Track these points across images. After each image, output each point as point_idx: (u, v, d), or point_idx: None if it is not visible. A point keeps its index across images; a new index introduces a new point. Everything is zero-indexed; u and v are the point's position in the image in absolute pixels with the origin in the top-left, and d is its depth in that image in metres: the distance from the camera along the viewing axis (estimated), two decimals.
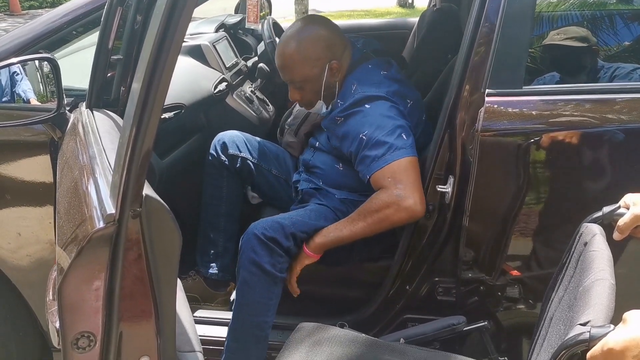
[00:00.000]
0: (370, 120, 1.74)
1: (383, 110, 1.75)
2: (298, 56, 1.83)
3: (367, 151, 1.73)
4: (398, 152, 1.70)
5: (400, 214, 1.67)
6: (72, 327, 0.96)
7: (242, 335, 1.72)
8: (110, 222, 0.93)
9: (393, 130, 1.72)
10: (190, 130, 2.35)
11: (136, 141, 0.88)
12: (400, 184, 1.68)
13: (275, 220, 1.77)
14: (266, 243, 1.70)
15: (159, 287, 1.02)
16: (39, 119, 1.70)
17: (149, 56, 0.86)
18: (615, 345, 0.80)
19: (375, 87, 1.79)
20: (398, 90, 1.82)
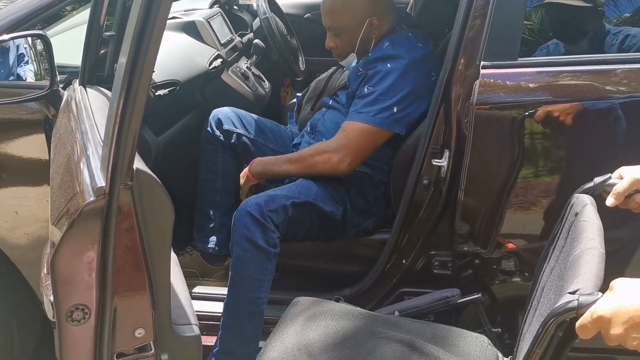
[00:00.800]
0: (380, 78, 1.81)
1: (397, 73, 1.80)
2: (341, 3, 1.92)
3: (359, 101, 1.83)
4: (371, 118, 1.79)
5: (326, 165, 1.83)
6: (65, 300, 0.97)
7: (236, 311, 1.74)
8: (101, 195, 0.93)
9: (388, 98, 1.78)
10: (185, 107, 2.34)
11: (124, 114, 0.88)
12: (346, 139, 1.81)
13: (267, 195, 1.79)
14: (258, 219, 1.71)
15: (152, 260, 1.02)
16: (32, 96, 1.69)
17: (134, 28, 0.85)
18: (604, 313, 0.81)
19: (404, 50, 1.84)
20: (426, 61, 1.86)
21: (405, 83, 1.80)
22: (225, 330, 1.74)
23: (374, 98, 1.80)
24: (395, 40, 1.89)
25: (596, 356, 1.77)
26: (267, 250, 1.72)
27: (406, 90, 1.79)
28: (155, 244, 1.03)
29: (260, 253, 1.72)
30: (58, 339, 1.02)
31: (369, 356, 1.30)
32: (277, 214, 1.75)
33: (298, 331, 1.37)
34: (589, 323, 0.82)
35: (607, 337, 0.81)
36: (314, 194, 1.85)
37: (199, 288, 1.96)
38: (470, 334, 1.41)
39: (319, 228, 1.86)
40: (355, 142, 1.80)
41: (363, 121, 1.80)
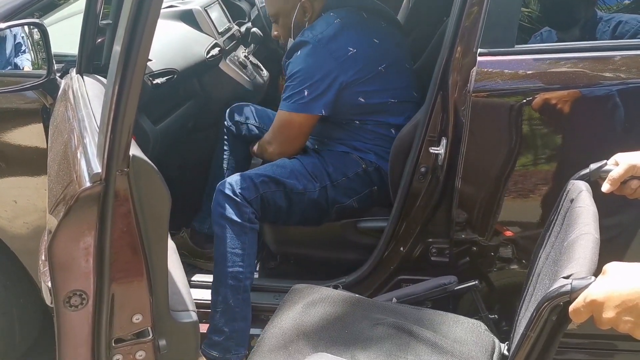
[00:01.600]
0: (292, 66, 1.89)
1: (305, 57, 1.86)
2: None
3: (284, 91, 1.92)
4: (286, 104, 1.89)
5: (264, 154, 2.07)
6: (63, 286, 0.97)
7: (220, 288, 1.79)
8: (97, 181, 0.94)
9: (298, 83, 1.86)
10: (183, 96, 2.34)
11: (119, 101, 0.88)
12: (272, 132, 1.99)
13: (240, 175, 1.88)
14: (230, 196, 1.81)
15: (149, 246, 1.03)
16: (29, 85, 1.69)
17: (128, 15, 0.85)
18: (597, 297, 0.81)
19: (313, 33, 1.88)
20: (342, 37, 1.87)
21: (310, 66, 1.85)
22: (214, 308, 1.79)
23: (287, 85, 1.90)
24: (314, 24, 1.92)
25: (590, 342, 1.78)
26: (241, 224, 1.80)
27: (312, 72, 1.84)
28: (152, 230, 1.03)
29: (234, 226, 1.80)
30: (56, 324, 1.03)
31: (366, 341, 1.31)
32: (249, 190, 1.84)
33: (296, 317, 1.38)
34: (582, 307, 0.82)
35: (599, 321, 0.81)
36: (288, 172, 1.91)
37: (197, 276, 1.97)
38: (467, 320, 1.42)
39: (298, 206, 1.91)
40: (279, 131, 1.96)
41: (281, 109, 1.92)
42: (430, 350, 1.30)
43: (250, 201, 1.83)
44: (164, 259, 1.09)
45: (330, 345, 1.30)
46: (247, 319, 1.82)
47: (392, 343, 1.31)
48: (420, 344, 1.31)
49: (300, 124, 1.92)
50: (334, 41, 1.86)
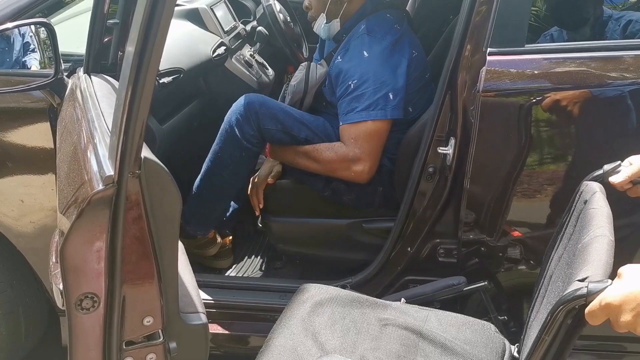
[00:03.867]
0: (363, 69, 1.77)
1: (381, 59, 1.77)
2: None
3: (349, 100, 1.78)
4: (373, 113, 1.75)
5: (346, 172, 1.81)
6: (75, 289, 0.97)
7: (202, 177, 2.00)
8: (109, 183, 0.93)
9: (381, 86, 1.74)
10: (189, 95, 2.34)
11: (132, 103, 0.88)
12: (359, 147, 1.77)
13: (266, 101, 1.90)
14: (245, 113, 1.85)
15: (160, 248, 1.03)
16: (37, 84, 1.69)
17: (142, 16, 0.84)
18: (612, 300, 0.81)
19: (381, 34, 1.80)
20: (405, 41, 1.83)
21: (386, 66, 1.78)
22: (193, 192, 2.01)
23: (365, 91, 1.76)
24: (372, 23, 1.86)
25: (604, 344, 1.77)
26: (240, 141, 1.89)
27: (391, 75, 1.78)
28: (163, 232, 1.03)
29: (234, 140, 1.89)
30: (68, 327, 1.02)
31: (375, 342, 1.31)
32: (266, 119, 1.86)
33: (305, 317, 1.38)
34: (598, 310, 0.82)
35: (616, 324, 0.81)
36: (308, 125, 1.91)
37: (205, 276, 1.97)
38: (477, 322, 1.41)
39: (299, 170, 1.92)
40: (368, 145, 1.78)
41: (367, 118, 1.77)
42: (439, 351, 1.29)
43: (261, 128, 1.86)
44: (174, 260, 1.09)
45: (338, 346, 1.30)
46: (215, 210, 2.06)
47: (401, 344, 1.30)
48: (430, 345, 1.31)
49: (385, 131, 1.80)
50: (401, 43, 1.82)
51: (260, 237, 2.34)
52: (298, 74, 2.06)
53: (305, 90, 2.02)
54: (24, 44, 2.06)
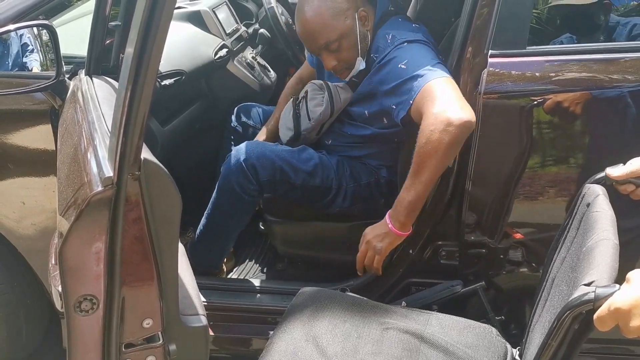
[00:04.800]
0: (409, 54, 1.68)
1: (421, 50, 1.70)
2: (328, 12, 1.76)
3: (407, 80, 1.63)
4: (435, 74, 1.58)
5: (450, 129, 1.47)
6: (74, 290, 0.97)
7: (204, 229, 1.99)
8: (109, 185, 0.93)
9: (432, 62, 1.63)
10: (191, 97, 2.34)
11: (131, 103, 0.87)
12: (437, 100, 1.52)
13: (263, 150, 1.87)
14: (242, 168, 1.83)
15: (160, 250, 1.02)
16: (38, 86, 1.69)
17: (141, 17, 0.84)
18: (622, 305, 0.80)
19: (412, 33, 1.76)
20: (434, 42, 1.80)
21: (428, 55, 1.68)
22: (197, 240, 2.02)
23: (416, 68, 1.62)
24: (396, 28, 1.80)
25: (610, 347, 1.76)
26: (239, 195, 1.87)
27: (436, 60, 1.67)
28: (163, 233, 1.03)
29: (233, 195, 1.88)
30: (66, 329, 1.02)
31: (376, 346, 1.30)
32: (264, 170, 1.84)
33: (305, 322, 1.37)
34: (607, 315, 0.81)
35: (626, 329, 0.80)
36: (304, 161, 1.88)
37: (207, 279, 1.96)
38: (479, 325, 1.41)
39: (301, 193, 1.91)
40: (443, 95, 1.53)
41: (429, 80, 1.57)
42: (441, 355, 1.28)
43: (260, 181, 1.85)
44: (174, 262, 1.09)
45: (339, 350, 1.29)
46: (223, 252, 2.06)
47: (402, 348, 1.30)
48: (431, 349, 1.30)
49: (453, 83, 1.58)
50: (433, 44, 1.77)
51: (262, 239, 2.33)
52: (316, 96, 1.94)
53: (331, 115, 1.94)
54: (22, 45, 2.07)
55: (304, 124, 1.97)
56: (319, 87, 1.95)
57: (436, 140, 1.49)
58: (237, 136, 2.28)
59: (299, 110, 1.98)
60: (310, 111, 1.94)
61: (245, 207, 1.93)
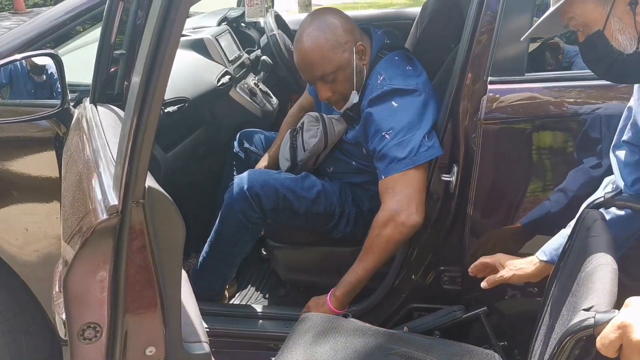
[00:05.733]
0: (396, 119, 1.70)
1: (412, 106, 1.71)
2: (327, 44, 1.77)
3: (386, 151, 1.70)
4: (410, 160, 1.67)
5: (400, 229, 1.67)
6: (78, 318, 0.97)
7: (207, 257, 2.00)
8: (114, 213, 0.94)
9: (416, 131, 1.68)
10: (194, 124, 2.36)
11: (137, 133, 0.89)
12: (397, 196, 1.68)
13: (266, 178, 1.88)
14: (246, 196, 1.84)
15: (163, 277, 1.03)
16: (44, 114, 1.71)
17: (148, 47, 0.86)
18: (625, 319, 0.81)
19: (403, 79, 1.75)
20: (422, 78, 1.80)
21: (419, 111, 1.71)
22: (199, 268, 2.03)
23: (399, 140, 1.69)
24: (389, 70, 1.78)
25: None
26: (244, 224, 1.89)
27: (424, 117, 1.71)
28: (167, 261, 1.03)
29: (237, 223, 1.89)
30: (69, 357, 1.02)
31: None
32: (267, 199, 1.85)
33: (307, 347, 1.37)
34: (612, 333, 0.81)
35: (629, 345, 0.80)
36: (308, 189, 1.90)
37: (209, 305, 1.96)
38: (481, 351, 1.40)
39: (305, 220, 1.92)
40: (407, 192, 1.67)
41: (403, 169, 1.68)
42: None
43: (263, 209, 1.86)
44: (177, 289, 1.09)
45: None
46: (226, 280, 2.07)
47: None
48: None
49: (424, 173, 1.70)
50: (422, 84, 1.76)
51: (264, 264, 2.34)
52: (311, 127, 1.97)
53: (325, 147, 1.96)
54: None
55: (300, 154, 1.99)
56: (314, 119, 1.98)
57: (387, 235, 1.69)
58: (239, 162, 2.29)
59: (295, 141, 2.00)
60: (306, 142, 1.96)
61: (248, 235, 1.94)
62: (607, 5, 1.07)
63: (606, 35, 1.09)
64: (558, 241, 1.41)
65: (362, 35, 1.85)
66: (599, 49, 1.11)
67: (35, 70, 1.94)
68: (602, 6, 1.08)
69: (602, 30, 1.09)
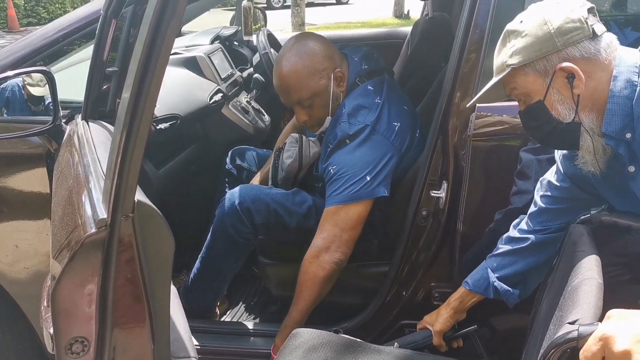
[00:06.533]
0: (343, 157, 1.73)
1: (361, 147, 1.73)
2: (304, 71, 1.79)
3: (328, 184, 1.76)
4: (347, 196, 1.70)
5: (322, 265, 1.71)
6: (65, 333, 0.97)
7: (198, 273, 2.00)
8: (102, 227, 0.94)
9: (359, 170, 1.71)
10: (186, 141, 2.37)
11: (127, 146, 0.89)
12: (323, 233, 1.73)
13: (257, 193, 1.89)
14: (237, 211, 1.85)
15: (152, 292, 1.03)
16: (35, 131, 1.71)
17: (138, 63, 0.87)
18: (606, 331, 0.82)
19: (362, 117, 1.75)
20: (384, 116, 1.78)
21: (366, 153, 1.73)
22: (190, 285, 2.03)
23: (340, 175, 1.72)
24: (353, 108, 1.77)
25: None
26: (235, 239, 1.89)
27: (370, 158, 1.72)
28: (156, 275, 1.03)
29: (228, 239, 1.90)
30: None
31: None
32: (259, 214, 1.86)
33: None
34: (594, 345, 0.82)
35: (611, 356, 0.81)
36: (299, 204, 1.90)
37: (199, 322, 1.95)
38: None
39: (296, 235, 1.93)
40: (334, 231, 1.72)
41: (339, 202, 1.71)
42: None
43: (254, 224, 1.87)
44: (166, 304, 1.09)
45: None
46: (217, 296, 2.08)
47: None
48: None
49: (362, 212, 1.73)
50: (381, 121, 1.75)
51: (256, 281, 2.33)
52: (290, 148, 1.99)
53: (300, 168, 1.98)
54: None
55: (279, 174, 2.01)
56: (295, 140, 2.00)
57: (312, 273, 1.73)
58: (232, 179, 2.30)
59: (277, 160, 2.03)
60: (283, 162, 1.99)
61: (239, 250, 1.95)
62: (547, 78, 1.16)
63: (546, 105, 1.17)
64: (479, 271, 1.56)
65: (342, 61, 1.86)
66: (539, 118, 1.19)
67: (33, 100, 1.95)
68: (542, 78, 1.16)
69: (543, 101, 1.17)
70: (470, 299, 1.58)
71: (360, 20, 12.34)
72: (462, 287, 1.59)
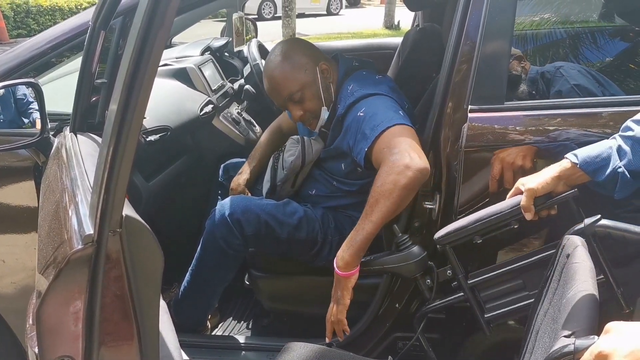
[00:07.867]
0: (367, 103, 1.76)
1: (380, 100, 1.77)
2: (289, 66, 1.88)
3: (364, 127, 1.69)
4: (391, 121, 1.65)
5: (405, 172, 1.52)
6: (51, 352, 0.94)
7: (188, 286, 1.99)
8: (89, 242, 0.92)
9: (390, 108, 1.71)
10: (176, 153, 2.35)
11: (114, 160, 0.88)
12: (395, 148, 1.57)
13: (247, 204, 1.88)
14: (227, 222, 1.85)
15: (141, 308, 1.00)
16: (23, 143, 1.69)
17: (125, 74, 0.86)
18: (603, 349, 0.80)
19: (373, 87, 1.81)
20: (396, 91, 1.86)
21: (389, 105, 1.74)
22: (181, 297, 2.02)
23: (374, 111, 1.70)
24: (359, 80, 1.85)
25: None
26: (225, 251, 1.89)
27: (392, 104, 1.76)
28: (144, 292, 1.01)
29: (218, 251, 1.89)
30: None
31: None
32: (249, 225, 1.85)
33: None
34: None
35: None
36: (289, 214, 1.89)
37: (189, 336, 1.92)
38: None
39: (287, 247, 1.92)
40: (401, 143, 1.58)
41: (386, 127, 1.63)
42: None
43: (245, 235, 1.86)
44: (155, 321, 1.06)
45: None
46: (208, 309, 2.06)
47: None
48: None
49: (410, 132, 1.64)
50: (395, 93, 1.82)
51: (248, 294, 2.31)
52: (292, 147, 2.01)
53: (302, 166, 1.99)
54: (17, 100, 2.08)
55: (279, 174, 2.03)
56: (295, 141, 2.04)
57: (392, 182, 1.53)
58: (225, 191, 2.29)
59: (276, 162, 2.06)
60: (284, 161, 2.02)
61: (230, 262, 1.93)
62: None
63: None
64: (596, 149, 1.35)
65: (326, 59, 1.94)
66: None
67: None
68: None
69: None
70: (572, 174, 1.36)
71: (350, 31, 12.41)
72: (566, 159, 1.38)
